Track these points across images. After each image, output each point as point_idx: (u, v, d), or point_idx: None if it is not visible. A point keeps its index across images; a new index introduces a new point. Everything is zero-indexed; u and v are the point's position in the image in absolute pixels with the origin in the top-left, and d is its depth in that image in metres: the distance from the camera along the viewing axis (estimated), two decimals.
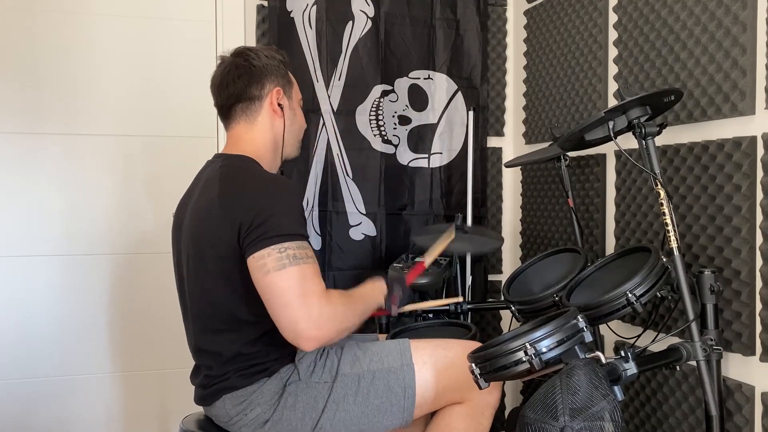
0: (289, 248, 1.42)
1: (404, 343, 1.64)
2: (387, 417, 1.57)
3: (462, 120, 2.66)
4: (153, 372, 2.47)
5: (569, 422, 1.22)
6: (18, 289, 2.33)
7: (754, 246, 1.60)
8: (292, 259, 1.41)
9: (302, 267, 1.42)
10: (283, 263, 1.40)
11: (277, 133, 1.68)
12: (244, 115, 1.66)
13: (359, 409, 1.55)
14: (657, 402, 1.90)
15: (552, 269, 1.98)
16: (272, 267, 1.41)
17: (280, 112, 1.68)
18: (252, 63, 1.64)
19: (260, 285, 1.43)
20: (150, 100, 2.44)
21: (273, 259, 1.41)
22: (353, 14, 2.56)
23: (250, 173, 1.57)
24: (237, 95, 1.65)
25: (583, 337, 1.37)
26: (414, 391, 1.58)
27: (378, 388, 1.57)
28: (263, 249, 1.41)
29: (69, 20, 2.35)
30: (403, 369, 1.59)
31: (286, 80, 1.70)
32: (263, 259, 1.41)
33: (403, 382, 1.58)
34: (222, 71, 1.67)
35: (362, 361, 1.59)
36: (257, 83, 1.65)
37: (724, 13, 1.67)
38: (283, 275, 1.40)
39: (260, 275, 1.42)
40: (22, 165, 2.33)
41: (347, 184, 2.56)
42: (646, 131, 1.58)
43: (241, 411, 1.54)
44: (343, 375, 1.56)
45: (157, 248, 2.43)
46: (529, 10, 2.61)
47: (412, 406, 1.58)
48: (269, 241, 1.42)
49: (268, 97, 1.66)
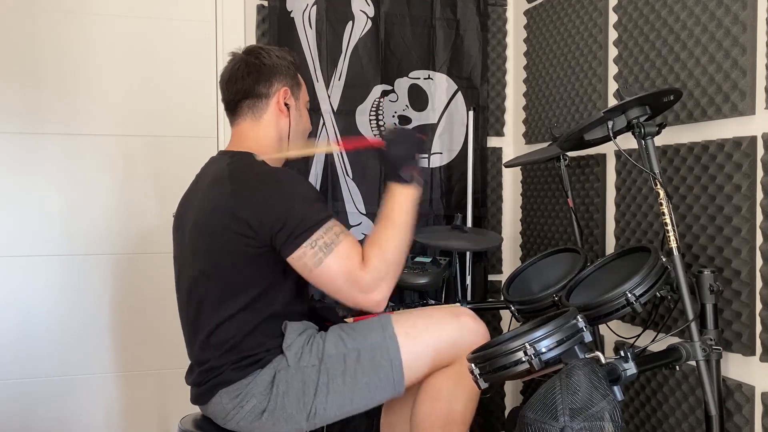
0: (319, 239, 1.49)
1: (385, 318, 1.65)
2: (378, 392, 1.59)
3: (462, 120, 2.66)
4: (153, 372, 2.47)
5: (569, 422, 1.22)
6: (18, 289, 2.33)
7: (754, 246, 1.60)
8: (326, 249, 1.49)
9: (336, 252, 1.49)
10: (319, 258, 1.49)
11: (282, 133, 1.70)
12: (251, 111, 1.68)
13: (349, 389, 1.56)
14: (657, 402, 1.90)
15: (552, 269, 1.98)
16: (312, 265, 1.49)
17: (286, 112, 1.69)
18: (262, 61, 1.67)
19: (309, 280, 1.54)
20: (150, 100, 2.44)
21: (309, 256, 1.49)
22: (353, 14, 2.56)
23: (259, 171, 1.59)
24: (245, 91, 1.67)
25: (583, 337, 1.38)
26: (400, 363, 1.59)
27: (364, 365, 1.58)
28: (298, 250, 1.49)
29: (69, 20, 2.35)
30: (386, 342, 1.60)
31: (294, 81, 1.72)
32: (302, 259, 1.49)
33: (388, 355, 1.59)
34: (231, 67, 1.69)
35: (346, 340, 1.61)
36: (266, 81, 1.67)
37: (724, 13, 1.67)
38: (324, 270, 1.49)
39: (305, 273, 1.52)
40: (22, 165, 2.33)
41: (347, 184, 2.56)
42: (645, 131, 1.58)
43: (237, 404, 1.54)
44: (329, 356, 1.57)
45: (157, 248, 2.43)
46: (529, 10, 2.61)
47: (401, 377, 1.59)
48: (300, 239, 1.48)
49: (276, 96, 1.68)
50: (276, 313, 1.59)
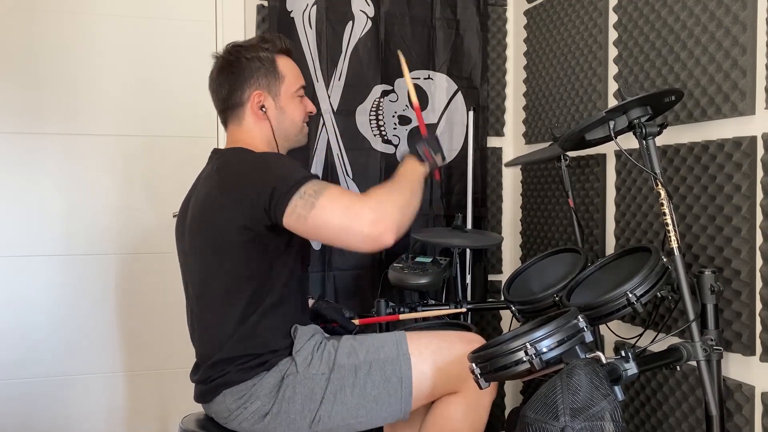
0: (306, 189, 1.46)
1: (400, 335, 1.65)
2: (384, 408, 1.58)
3: (462, 120, 2.66)
4: (153, 372, 2.47)
5: (570, 422, 1.22)
6: (18, 289, 2.33)
7: (754, 246, 1.60)
8: (316, 195, 1.46)
9: (327, 194, 1.46)
10: (311, 202, 1.45)
11: (265, 134, 1.71)
12: (234, 119, 1.71)
13: (356, 400, 1.56)
14: (657, 402, 1.90)
15: (552, 269, 1.98)
16: (305, 212, 1.45)
17: (262, 115, 1.69)
18: (232, 68, 1.67)
19: (310, 233, 1.49)
20: (150, 100, 2.44)
21: (300, 205, 1.45)
22: (353, 14, 2.56)
23: (242, 157, 1.61)
24: (222, 101, 1.71)
25: (584, 337, 1.38)
26: (411, 382, 1.58)
27: (375, 379, 1.57)
28: (287, 206, 1.45)
29: (69, 20, 2.35)
30: (399, 359, 1.59)
31: (270, 78, 1.69)
32: (294, 211, 1.45)
33: (399, 372, 1.58)
34: (211, 74, 1.72)
35: (359, 352, 1.60)
36: (238, 89, 1.68)
37: (724, 13, 1.67)
38: (319, 211, 1.44)
39: (302, 226, 1.47)
40: (22, 165, 2.33)
41: (347, 184, 2.56)
42: (646, 131, 1.59)
43: (240, 405, 1.54)
44: (340, 366, 1.57)
45: (157, 248, 2.43)
46: (529, 10, 2.61)
47: (410, 396, 1.58)
48: (288, 195, 1.45)
49: (249, 102, 1.68)
50: (276, 303, 1.58)
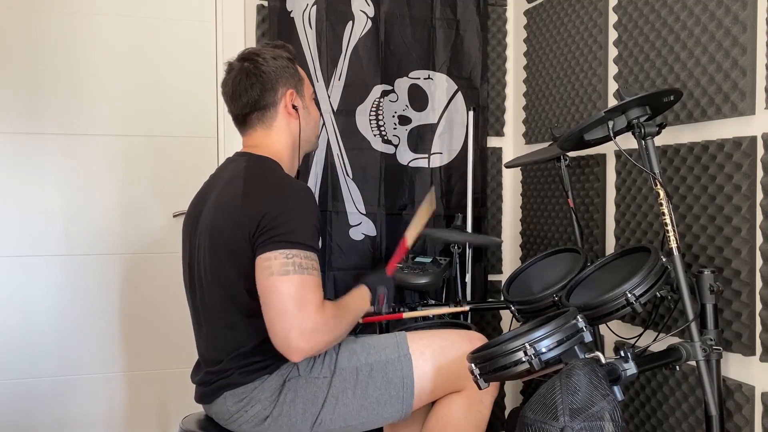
0: (296, 256, 1.42)
1: (401, 336, 1.65)
2: (386, 409, 1.58)
3: (462, 120, 2.66)
4: (153, 372, 2.47)
5: (569, 422, 1.22)
6: (18, 289, 2.33)
7: (754, 246, 1.60)
8: (297, 268, 1.41)
9: (305, 277, 1.42)
10: (287, 269, 1.41)
11: (294, 134, 1.68)
12: (261, 122, 1.66)
13: (358, 402, 1.56)
14: (657, 402, 1.90)
15: (552, 269, 1.98)
16: (276, 270, 1.41)
17: (295, 114, 1.68)
18: (261, 69, 1.62)
19: (261, 287, 1.43)
20: (150, 100, 2.44)
21: (278, 263, 1.41)
22: (353, 14, 2.56)
23: (274, 175, 1.57)
24: (252, 104, 1.64)
25: (583, 337, 1.38)
26: (412, 382, 1.59)
27: (376, 381, 1.57)
28: (271, 251, 1.42)
29: (69, 20, 2.35)
30: (400, 360, 1.60)
31: (296, 79, 1.69)
32: (269, 261, 1.42)
33: (401, 373, 1.59)
34: (233, 80, 1.64)
35: (360, 354, 1.60)
36: (270, 90, 1.64)
37: (724, 13, 1.67)
38: (285, 281, 1.40)
39: (263, 277, 1.42)
40: (22, 165, 2.33)
41: (347, 184, 2.56)
42: (645, 131, 1.59)
43: (241, 408, 1.54)
44: (341, 369, 1.57)
45: (157, 248, 2.43)
46: (529, 10, 2.61)
47: (411, 397, 1.59)
48: (278, 245, 1.42)
49: (282, 101, 1.65)
50: None
